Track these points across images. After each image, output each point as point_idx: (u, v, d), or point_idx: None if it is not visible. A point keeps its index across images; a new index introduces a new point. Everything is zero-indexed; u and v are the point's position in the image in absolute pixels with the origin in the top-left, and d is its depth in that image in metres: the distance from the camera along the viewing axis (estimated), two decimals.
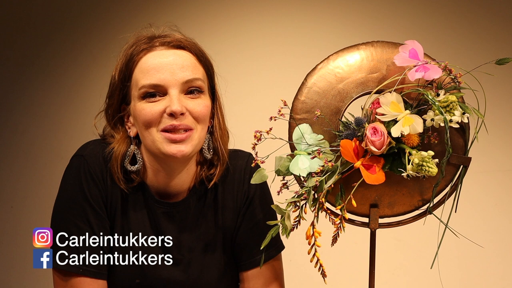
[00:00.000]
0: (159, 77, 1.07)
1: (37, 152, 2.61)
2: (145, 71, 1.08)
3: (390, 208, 1.06)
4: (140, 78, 1.08)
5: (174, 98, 1.06)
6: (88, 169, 1.11)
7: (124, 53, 1.12)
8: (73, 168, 1.13)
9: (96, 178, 1.11)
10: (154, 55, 1.09)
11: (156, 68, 1.07)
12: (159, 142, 1.07)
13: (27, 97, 2.63)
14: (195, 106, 1.08)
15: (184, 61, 1.09)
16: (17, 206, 2.61)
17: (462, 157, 1.03)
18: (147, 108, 1.07)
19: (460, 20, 2.39)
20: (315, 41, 2.42)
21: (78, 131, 2.52)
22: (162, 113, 1.06)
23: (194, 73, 1.09)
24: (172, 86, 1.07)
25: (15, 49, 2.65)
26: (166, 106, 1.06)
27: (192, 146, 1.08)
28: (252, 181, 1.05)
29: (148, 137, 1.08)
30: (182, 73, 1.08)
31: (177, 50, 1.10)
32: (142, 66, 1.09)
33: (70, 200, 1.11)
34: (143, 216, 1.14)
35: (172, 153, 1.06)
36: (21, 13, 2.66)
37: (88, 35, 2.60)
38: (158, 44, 1.10)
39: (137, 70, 1.09)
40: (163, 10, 2.52)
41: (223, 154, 1.16)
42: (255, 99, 2.40)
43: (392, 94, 0.99)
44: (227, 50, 2.41)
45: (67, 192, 1.12)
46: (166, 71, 1.07)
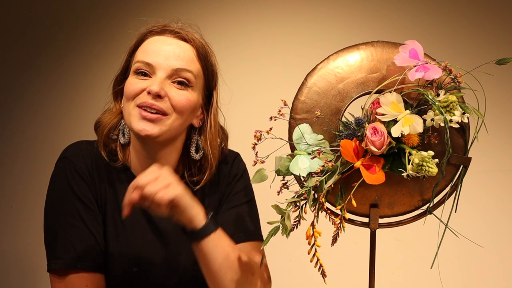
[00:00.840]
0: (153, 58, 1.11)
1: (37, 152, 2.61)
2: (144, 51, 1.13)
3: (390, 208, 1.06)
4: (138, 55, 1.14)
5: (156, 80, 1.10)
6: (74, 168, 1.13)
7: (140, 32, 1.17)
8: (59, 170, 1.15)
9: (83, 175, 1.13)
10: (158, 39, 1.14)
11: (154, 50, 1.12)
12: (132, 116, 1.10)
13: (27, 97, 2.63)
14: (176, 95, 1.11)
15: (182, 52, 1.13)
16: (17, 206, 2.61)
17: (462, 157, 1.03)
18: (133, 82, 1.12)
19: (460, 20, 2.39)
20: (315, 41, 2.42)
21: (78, 131, 2.52)
22: (143, 90, 1.10)
23: (187, 65, 1.12)
24: (160, 69, 1.10)
25: (14, 49, 2.65)
26: (148, 85, 1.10)
27: (160, 130, 1.10)
28: (252, 181, 1.05)
29: (126, 109, 1.12)
30: (174, 61, 1.11)
31: (180, 41, 1.14)
32: (145, 46, 1.14)
33: (60, 200, 1.13)
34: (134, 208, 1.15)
35: (138, 129, 1.09)
36: (21, 13, 2.66)
37: (88, 35, 2.60)
38: (166, 31, 1.15)
39: (140, 48, 1.15)
40: (162, 10, 2.52)
41: (211, 159, 1.18)
42: (255, 99, 2.40)
43: (392, 94, 0.99)
44: (227, 50, 2.41)
45: (56, 193, 1.14)
46: (162, 55, 1.11)
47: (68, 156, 1.15)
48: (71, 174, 1.13)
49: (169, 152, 1.18)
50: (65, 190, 1.12)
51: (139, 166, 1.18)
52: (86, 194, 1.13)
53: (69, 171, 1.13)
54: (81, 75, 2.61)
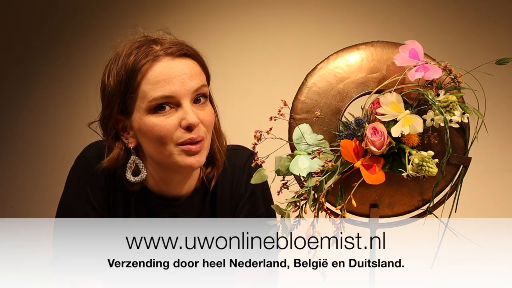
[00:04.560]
0: (170, 88, 1.04)
1: (37, 152, 2.61)
2: (155, 83, 1.04)
3: (390, 208, 1.06)
4: (150, 89, 1.04)
5: (189, 110, 1.05)
6: (92, 172, 1.12)
7: (123, 61, 1.06)
8: (77, 170, 1.15)
9: (98, 181, 1.12)
10: (161, 66, 1.05)
11: (166, 79, 1.04)
12: (177, 155, 1.06)
13: (27, 98, 2.63)
14: (205, 116, 1.08)
15: (191, 70, 1.08)
16: (17, 206, 2.61)
17: (462, 157, 1.03)
18: (160, 123, 1.04)
19: (460, 20, 2.39)
20: (315, 41, 2.42)
21: (78, 131, 2.52)
22: (177, 126, 1.05)
23: (201, 81, 1.09)
24: (183, 97, 1.05)
25: (15, 49, 2.65)
26: (180, 119, 1.05)
27: (205, 155, 1.09)
28: (252, 181, 1.04)
29: (164, 152, 1.06)
30: (191, 82, 1.06)
31: (182, 60, 1.08)
32: (150, 78, 1.05)
33: (73, 201, 1.13)
34: (145, 217, 1.15)
35: (191, 164, 1.06)
36: (21, 14, 2.66)
37: (89, 36, 2.60)
38: (163, 54, 1.06)
39: (144, 82, 1.05)
40: (163, 10, 2.52)
41: (222, 155, 1.17)
42: (255, 99, 2.40)
43: (392, 94, 0.99)
44: (227, 50, 2.41)
45: (70, 192, 1.14)
46: (177, 82, 1.05)
47: (89, 157, 1.14)
48: (87, 177, 1.12)
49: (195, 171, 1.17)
50: (79, 193, 1.13)
51: (157, 187, 1.16)
52: (99, 200, 1.12)
53: (85, 174, 1.13)
54: (80, 75, 2.61)
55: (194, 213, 1.18)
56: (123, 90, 1.06)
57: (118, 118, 1.10)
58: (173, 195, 1.17)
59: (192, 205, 1.18)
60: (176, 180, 1.15)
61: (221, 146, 1.18)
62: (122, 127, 1.11)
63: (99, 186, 1.12)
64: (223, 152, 1.18)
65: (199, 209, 1.18)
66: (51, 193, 2.46)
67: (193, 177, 1.17)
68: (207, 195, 1.19)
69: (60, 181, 1.19)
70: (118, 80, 1.06)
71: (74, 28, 2.61)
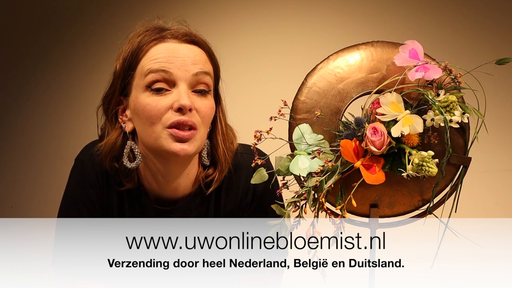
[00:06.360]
0: (169, 65, 1.01)
1: (37, 152, 2.61)
2: (154, 59, 1.02)
3: (390, 208, 1.06)
4: (148, 64, 1.02)
5: (183, 92, 1.01)
6: (86, 174, 1.12)
7: (131, 42, 1.05)
8: (73, 172, 1.15)
9: (92, 183, 1.12)
10: (165, 46, 1.03)
11: (166, 58, 1.02)
12: (164, 139, 1.01)
13: (26, 98, 2.63)
14: (202, 106, 1.04)
15: (196, 56, 1.05)
16: (17, 206, 2.61)
17: (462, 157, 1.03)
18: (152, 102, 1.01)
19: (460, 20, 2.39)
20: (315, 41, 2.42)
21: (77, 131, 2.52)
22: (169, 108, 1.01)
23: (204, 68, 1.05)
24: (181, 79, 1.01)
25: (15, 49, 2.65)
26: (173, 101, 1.01)
27: (195, 147, 1.03)
28: (252, 181, 1.03)
29: (152, 134, 1.02)
30: (192, 66, 1.03)
31: (189, 45, 1.05)
32: (151, 55, 1.03)
33: (69, 202, 1.14)
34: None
35: (176, 151, 1.01)
36: (21, 14, 2.66)
37: (89, 36, 2.60)
38: (170, 36, 1.05)
39: (145, 59, 1.03)
40: (162, 9, 2.52)
41: (226, 160, 1.12)
42: (255, 99, 2.40)
43: (392, 94, 0.99)
44: (227, 50, 2.40)
45: (67, 194, 1.15)
46: (177, 62, 1.02)
47: (84, 160, 1.13)
48: (82, 179, 1.12)
49: (191, 166, 1.12)
50: (75, 195, 1.13)
51: (154, 183, 1.12)
52: (93, 202, 1.12)
53: (80, 176, 1.13)
54: (80, 75, 2.61)
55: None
56: (126, 67, 1.05)
57: (120, 100, 1.08)
58: (169, 197, 1.14)
59: (190, 211, 1.15)
60: (168, 176, 1.10)
61: (227, 150, 1.12)
62: (121, 110, 1.09)
63: (93, 189, 1.12)
64: (229, 156, 1.13)
65: (197, 215, 1.15)
66: (51, 193, 2.46)
67: (188, 176, 1.12)
68: (210, 203, 1.15)
69: (59, 181, 1.19)
70: (123, 58, 1.05)
71: (74, 28, 2.61)
